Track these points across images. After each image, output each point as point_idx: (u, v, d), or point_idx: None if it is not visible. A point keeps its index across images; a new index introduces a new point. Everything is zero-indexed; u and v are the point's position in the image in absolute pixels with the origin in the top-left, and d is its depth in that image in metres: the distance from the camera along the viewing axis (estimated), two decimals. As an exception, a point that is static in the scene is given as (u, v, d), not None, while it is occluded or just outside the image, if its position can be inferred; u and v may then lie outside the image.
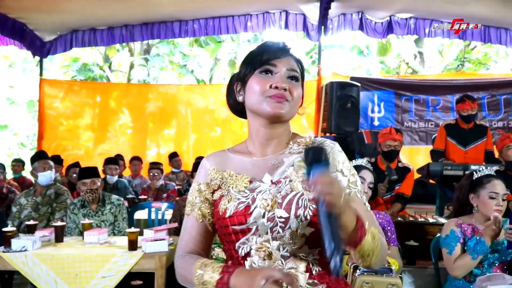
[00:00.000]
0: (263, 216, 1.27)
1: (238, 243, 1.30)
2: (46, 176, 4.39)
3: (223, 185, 1.37)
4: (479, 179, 2.81)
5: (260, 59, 1.35)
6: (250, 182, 1.34)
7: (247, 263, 1.29)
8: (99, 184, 4.01)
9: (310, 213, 1.26)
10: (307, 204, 1.27)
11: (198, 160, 5.41)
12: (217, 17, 7.30)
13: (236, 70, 1.49)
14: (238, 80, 1.41)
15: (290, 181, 1.31)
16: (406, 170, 4.68)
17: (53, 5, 6.46)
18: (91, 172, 4.07)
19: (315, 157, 1.15)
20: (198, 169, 1.46)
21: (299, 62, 1.39)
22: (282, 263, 1.27)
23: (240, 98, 1.41)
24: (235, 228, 1.29)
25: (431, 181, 5.72)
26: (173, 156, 7.14)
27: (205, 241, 1.41)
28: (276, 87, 1.31)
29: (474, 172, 2.86)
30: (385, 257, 1.31)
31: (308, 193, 1.27)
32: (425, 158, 7.09)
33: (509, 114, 7.14)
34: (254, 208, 1.28)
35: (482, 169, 2.85)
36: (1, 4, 6.28)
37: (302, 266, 1.28)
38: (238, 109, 1.46)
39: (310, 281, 1.27)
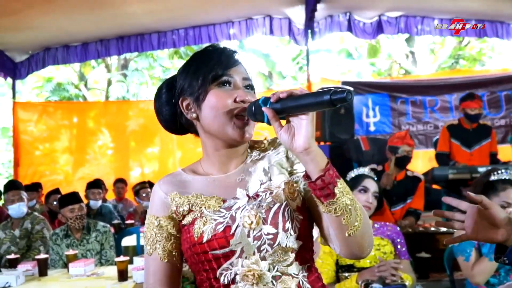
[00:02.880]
0: (248, 235, 1.20)
1: (220, 270, 1.22)
2: (16, 210, 4.28)
3: (193, 207, 1.26)
4: (493, 183, 2.74)
5: (215, 70, 1.26)
6: (224, 201, 1.26)
7: None
8: (85, 210, 3.95)
9: (298, 225, 1.22)
10: (293, 215, 1.23)
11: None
12: (197, 26, 7.27)
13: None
14: (187, 95, 1.30)
15: (271, 193, 1.25)
16: (416, 180, 4.59)
17: (23, 23, 6.38)
18: (75, 197, 3.99)
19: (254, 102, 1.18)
20: (150, 199, 1.36)
21: (247, 68, 1.34)
22: (274, 284, 1.22)
23: (192, 116, 1.30)
24: (217, 253, 1.21)
25: (434, 186, 5.68)
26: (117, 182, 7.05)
27: (173, 281, 1.33)
28: (243, 101, 1.24)
29: (492, 173, 2.79)
30: (371, 233, 1.21)
31: (292, 203, 1.23)
32: (425, 162, 7.06)
33: (511, 111, 7.13)
34: (236, 228, 1.21)
35: (501, 171, 2.78)
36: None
37: (293, 285, 1.23)
38: (176, 125, 1.37)
39: None
